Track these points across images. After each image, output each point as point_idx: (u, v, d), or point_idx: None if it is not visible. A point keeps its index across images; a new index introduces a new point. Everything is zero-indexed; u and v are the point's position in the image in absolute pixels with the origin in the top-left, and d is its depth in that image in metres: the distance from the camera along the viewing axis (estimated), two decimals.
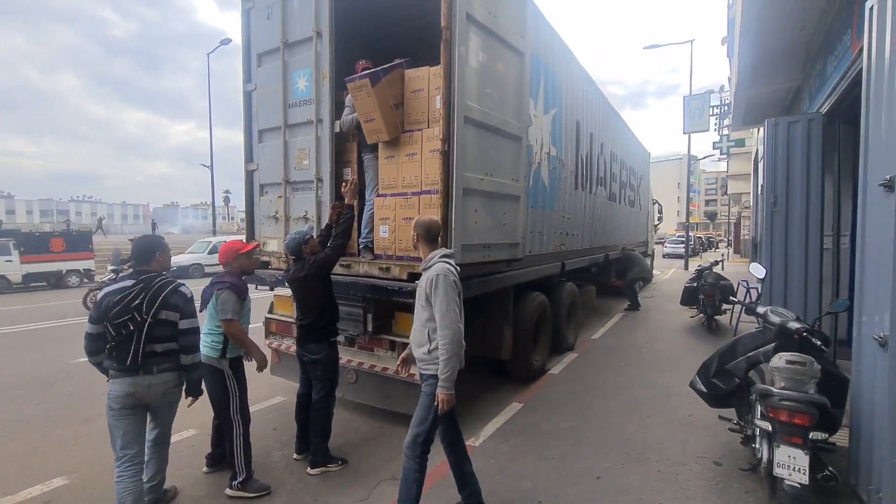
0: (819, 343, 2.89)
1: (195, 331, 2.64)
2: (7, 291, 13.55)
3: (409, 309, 3.83)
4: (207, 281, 3.25)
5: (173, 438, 3.00)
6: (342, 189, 3.52)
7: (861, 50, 3.47)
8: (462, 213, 3.46)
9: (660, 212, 16.32)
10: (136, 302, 2.44)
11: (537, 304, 5.31)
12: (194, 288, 2.75)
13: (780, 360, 2.49)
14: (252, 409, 3.28)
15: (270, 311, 4.67)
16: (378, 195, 3.94)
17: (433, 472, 3.18)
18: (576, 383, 5.01)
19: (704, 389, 3.37)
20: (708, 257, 24.19)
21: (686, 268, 19.16)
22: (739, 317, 7.44)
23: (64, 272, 14.98)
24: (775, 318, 3.12)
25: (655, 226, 16.30)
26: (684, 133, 16.43)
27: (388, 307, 3.94)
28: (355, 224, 4.14)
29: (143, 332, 2.43)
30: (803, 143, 5.20)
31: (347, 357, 4.16)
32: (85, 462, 3.47)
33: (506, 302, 4.79)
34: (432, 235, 2.62)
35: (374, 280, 3.74)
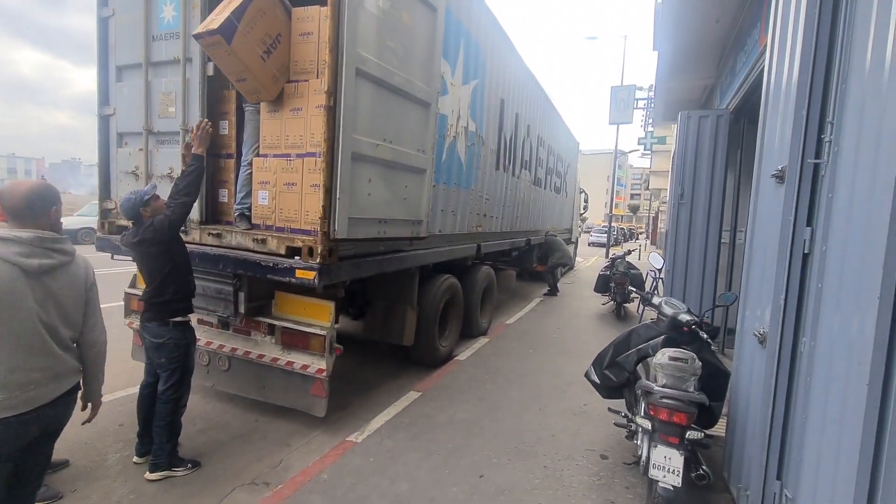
0: (706, 336, 2.84)
1: None
2: None
3: (292, 288, 3.38)
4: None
5: None
6: (191, 134, 2.90)
7: (765, 45, 3.44)
8: (350, 181, 3.01)
9: (586, 201, 16.81)
10: None
11: (446, 287, 5.03)
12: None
13: (663, 356, 2.37)
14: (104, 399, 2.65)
15: (132, 286, 3.96)
16: (257, 155, 3.38)
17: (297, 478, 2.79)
18: (481, 370, 4.83)
19: (597, 381, 3.26)
20: (627, 247, 25.68)
21: (607, 256, 20.13)
22: (643, 306, 7.73)
23: None
24: (668, 310, 3.05)
25: (581, 214, 16.81)
26: (609, 124, 16.95)
27: (267, 285, 3.43)
28: (233, 189, 3.58)
29: None
30: (711, 139, 5.31)
31: (220, 342, 3.62)
32: None
33: (409, 284, 4.45)
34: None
35: (247, 254, 3.21)
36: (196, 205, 3.23)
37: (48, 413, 1.73)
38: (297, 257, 3.05)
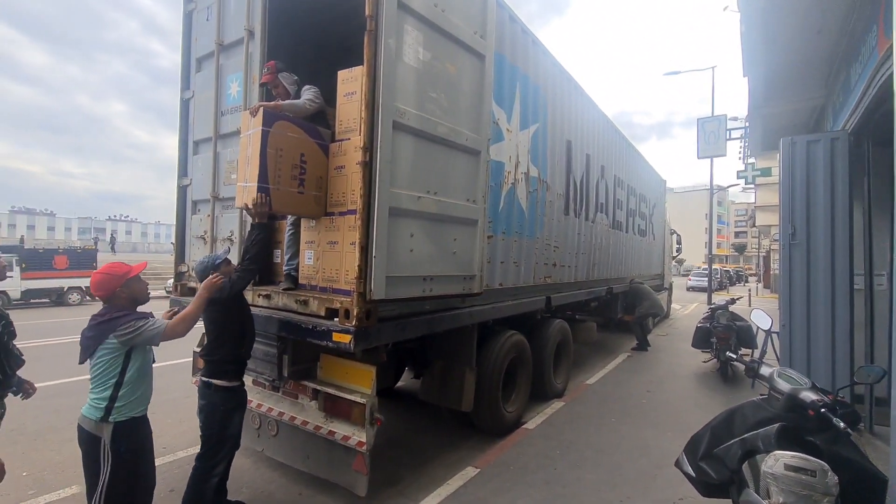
0: (842, 425, 2.10)
1: None
2: (8, 307, 13.52)
3: (335, 352, 3.22)
4: None
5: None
6: (249, 203, 2.94)
7: (891, 48, 2.78)
8: (388, 237, 2.84)
9: (679, 243, 15.34)
10: None
11: (511, 344, 4.59)
12: None
13: (777, 462, 1.74)
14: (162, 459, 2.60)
15: (199, 345, 4.10)
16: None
17: None
18: (552, 443, 4.21)
19: (692, 473, 2.57)
20: (733, 293, 22.78)
21: (709, 302, 17.91)
22: (750, 378, 6.46)
23: (65, 289, 14.99)
24: (783, 385, 2.34)
25: (674, 257, 15.30)
26: (699, 158, 15.49)
27: (313, 348, 3.31)
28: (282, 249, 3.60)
29: None
30: (826, 167, 4.44)
31: (269, 405, 3.53)
32: None
33: (467, 343, 4.10)
34: None
35: (290, 315, 3.14)
36: None
37: None
38: (335, 319, 2.90)
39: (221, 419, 2.74)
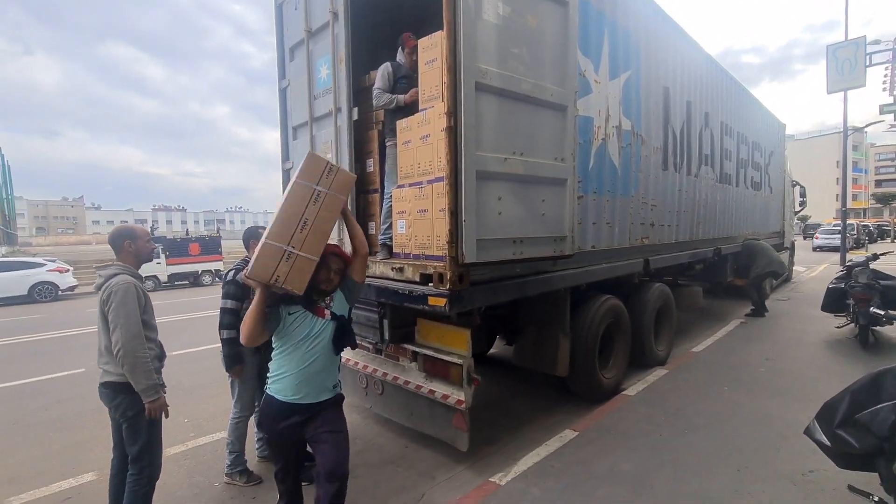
0: None
1: None
2: (158, 289, 16.04)
3: (430, 315, 3.35)
4: None
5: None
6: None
7: None
8: (476, 201, 2.84)
9: (802, 195, 13.38)
10: None
11: (606, 309, 4.42)
12: None
13: None
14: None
15: None
16: (396, 186, 3.51)
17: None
18: (655, 410, 4.03)
19: (826, 443, 2.30)
20: (875, 249, 19.49)
21: (843, 263, 15.52)
22: None
23: (199, 272, 17.33)
24: None
25: (797, 212, 13.40)
26: (828, 93, 13.00)
27: (410, 312, 3.48)
28: (379, 221, 3.79)
29: None
30: None
31: (374, 366, 3.80)
32: None
33: (560, 308, 4.02)
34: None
35: (387, 282, 3.32)
36: None
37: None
38: (430, 284, 3.00)
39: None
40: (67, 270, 14.90)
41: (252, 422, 3.34)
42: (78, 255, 22.45)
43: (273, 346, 2.31)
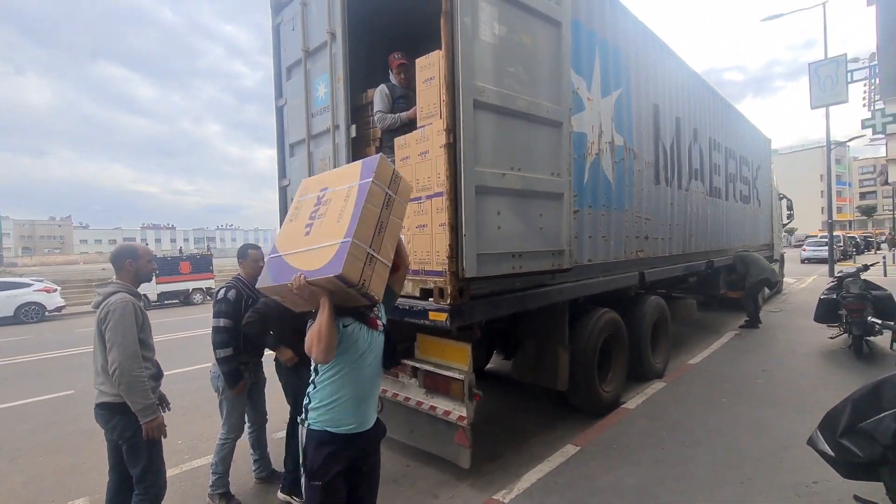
0: None
1: None
2: (148, 309, 15.77)
3: (430, 331, 3.34)
4: None
5: None
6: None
7: None
8: (477, 216, 2.87)
9: (789, 208, 13.63)
10: None
11: (604, 322, 4.43)
12: None
13: None
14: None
15: None
16: None
17: None
18: (656, 423, 4.02)
19: (831, 452, 2.31)
20: (864, 261, 19.80)
21: (831, 274, 15.74)
22: None
23: (190, 290, 17.12)
24: None
25: (784, 224, 13.63)
26: (812, 108, 13.35)
27: (410, 328, 3.47)
28: None
29: None
30: None
31: None
32: None
33: (558, 321, 4.03)
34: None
35: None
36: None
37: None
38: (430, 299, 3.01)
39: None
40: (55, 290, 14.66)
41: (243, 442, 3.28)
42: (65, 275, 22.11)
43: (317, 369, 1.92)
